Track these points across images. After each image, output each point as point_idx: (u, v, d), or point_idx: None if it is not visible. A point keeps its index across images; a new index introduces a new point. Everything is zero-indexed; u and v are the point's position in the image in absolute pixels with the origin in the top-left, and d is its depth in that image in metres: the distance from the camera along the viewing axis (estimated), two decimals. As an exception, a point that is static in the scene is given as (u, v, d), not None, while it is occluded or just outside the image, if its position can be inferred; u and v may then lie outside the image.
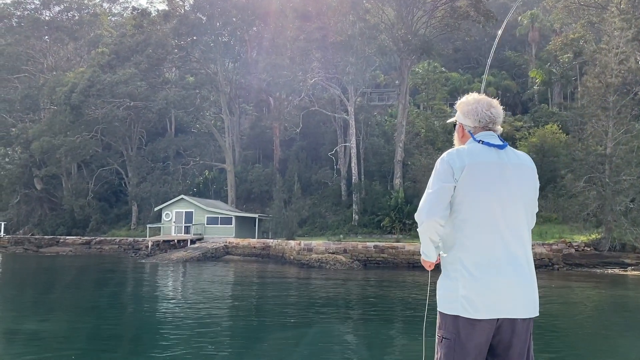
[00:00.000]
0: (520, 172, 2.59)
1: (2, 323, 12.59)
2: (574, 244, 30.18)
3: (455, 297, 2.50)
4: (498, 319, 2.47)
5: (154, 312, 14.58)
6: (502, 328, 2.50)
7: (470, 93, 2.83)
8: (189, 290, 19.96)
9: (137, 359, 9.41)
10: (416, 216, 2.59)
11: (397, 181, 41.74)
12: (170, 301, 17.07)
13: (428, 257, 2.70)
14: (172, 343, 10.28)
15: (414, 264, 29.15)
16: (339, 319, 13.72)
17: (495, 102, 2.75)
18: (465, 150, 2.61)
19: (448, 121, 3.03)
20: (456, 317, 2.50)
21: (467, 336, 2.48)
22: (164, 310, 14.87)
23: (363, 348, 10.18)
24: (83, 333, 11.34)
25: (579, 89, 40.22)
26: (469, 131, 2.72)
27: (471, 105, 2.74)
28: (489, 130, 2.69)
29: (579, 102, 36.20)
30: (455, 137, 2.84)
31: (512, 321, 2.49)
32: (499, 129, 2.71)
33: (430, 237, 2.58)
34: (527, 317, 2.52)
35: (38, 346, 9.97)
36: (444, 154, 2.63)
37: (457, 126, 2.83)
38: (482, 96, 2.76)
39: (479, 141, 2.64)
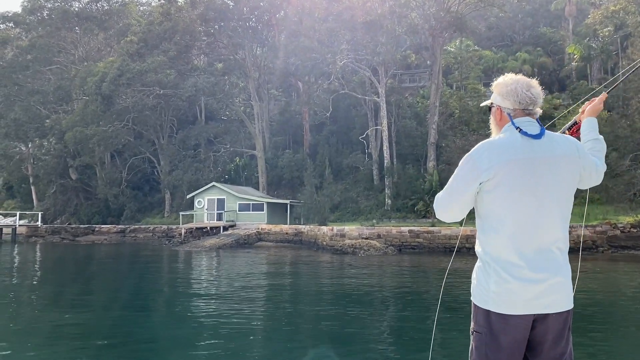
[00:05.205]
0: (556, 166, 2.47)
1: (42, 312, 12.49)
2: (619, 225, 28.86)
3: (487, 292, 2.45)
4: (533, 314, 2.41)
5: (191, 300, 14.31)
6: (537, 323, 2.44)
7: (506, 73, 2.66)
8: (225, 279, 19.72)
9: (176, 345, 9.09)
10: (434, 205, 2.65)
11: (431, 164, 40.78)
12: (207, 290, 16.82)
13: None
14: (209, 337, 9.93)
15: (450, 248, 28.41)
16: (374, 309, 13.20)
17: (535, 82, 2.60)
18: (497, 144, 2.47)
19: (482, 104, 2.84)
20: (488, 312, 2.45)
21: (500, 331, 2.42)
22: (200, 299, 14.59)
23: (397, 339, 9.64)
24: (118, 323, 11.13)
25: (622, 63, 38.39)
26: (508, 114, 2.56)
27: (510, 86, 2.57)
28: (529, 113, 2.55)
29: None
30: (492, 120, 2.68)
31: (546, 316, 2.43)
32: (539, 111, 2.58)
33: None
34: (561, 310, 2.45)
35: (76, 336, 9.76)
36: (473, 149, 2.49)
37: (493, 109, 2.66)
38: (520, 76, 2.60)
39: (517, 128, 2.49)
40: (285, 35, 47.14)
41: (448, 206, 2.57)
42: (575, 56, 50.89)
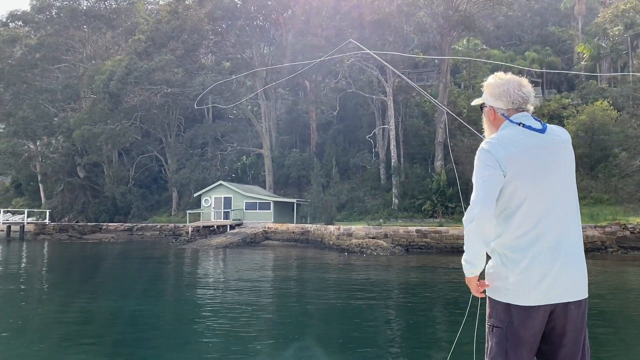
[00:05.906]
0: (564, 152, 2.51)
1: (51, 306, 12.51)
2: (629, 226, 28.60)
3: (505, 285, 2.42)
4: (551, 304, 2.40)
5: (198, 298, 14.28)
6: (556, 314, 2.42)
7: (495, 73, 2.67)
8: (232, 277, 19.67)
9: (184, 341, 9.05)
10: (468, 211, 2.38)
11: (439, 163, 40.60)
12: (215, 288, 16.78)
13: (473, 265, 2.41)
14: (216, 334, 9.88)
15: (458, 248, 28.23)
16: (383, 307, 13.12)
17: (525, 81, 2.60)
18: (506, 138, 2.47)
19: (473, 103, 2.84)
20: (508, 305, 2.42)
21: (521, 324, 2.40)
22: (208, 298, 14.56)
23: (410, 338, 9.55)
24: (126, 318, 11.10)
25: (632, 62, 38.05)
26: (502, 114, 2.58)
27: (501, 87, 2.58)
28: (522, 110, 2.57)
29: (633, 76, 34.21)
30: (485, 120, 2.71)
31: (565, 306, 2.41)
32: (531, 108, 2.60)
33: (484, 235, 2.36)
34: (579, 299, 2.44)
35: (83, 331, 9.74)
36: (484, 144, 2.48)
37: (486, 109, 2.68)
38: (510, 75, 2.61)
39: (518, 123, 2.51)
40: (293, 34, 47.08)
41: (489, 192, 2.36)
42: (585, 55, 50.55)
